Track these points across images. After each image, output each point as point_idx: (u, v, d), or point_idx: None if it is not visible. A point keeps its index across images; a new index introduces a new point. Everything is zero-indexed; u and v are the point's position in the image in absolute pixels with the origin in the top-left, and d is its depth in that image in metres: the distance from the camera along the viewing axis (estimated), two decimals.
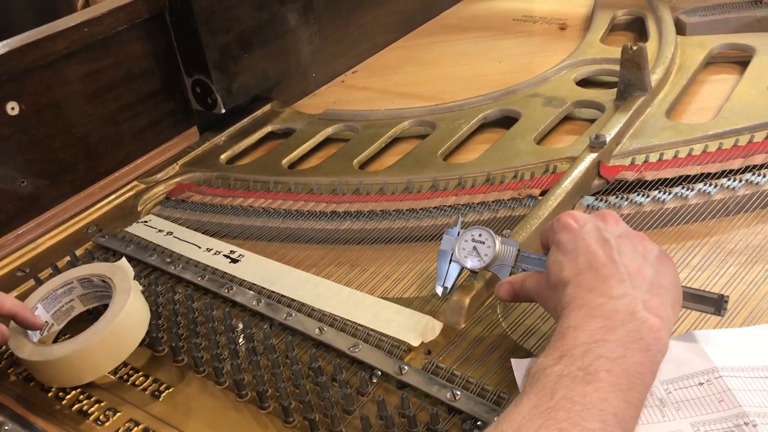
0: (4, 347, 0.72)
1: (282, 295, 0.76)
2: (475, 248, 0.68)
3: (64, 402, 0.68)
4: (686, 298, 0.60)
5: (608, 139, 0.89)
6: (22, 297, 0.76)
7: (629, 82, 1.00)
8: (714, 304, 0.61)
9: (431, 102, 1.12)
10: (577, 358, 0.51)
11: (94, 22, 0.94)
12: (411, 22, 1.44)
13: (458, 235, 0.69)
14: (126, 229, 0.91)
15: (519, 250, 0.67)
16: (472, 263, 0.68)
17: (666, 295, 0.57)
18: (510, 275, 0.67)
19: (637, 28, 1.28)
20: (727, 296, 0.60)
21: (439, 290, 0.70)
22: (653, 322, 0.54)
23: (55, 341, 0.74)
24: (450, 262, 0.69)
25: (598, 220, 0.62)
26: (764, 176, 0.81)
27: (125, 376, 0.70)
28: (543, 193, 0.83)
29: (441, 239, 0.71)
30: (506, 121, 1.05)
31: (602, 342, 0.52)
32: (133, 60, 1.02)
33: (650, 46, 1.13)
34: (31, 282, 0.84)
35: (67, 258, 0.86)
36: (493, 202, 0.85)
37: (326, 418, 0.61)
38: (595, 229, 0.60)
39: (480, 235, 0.68)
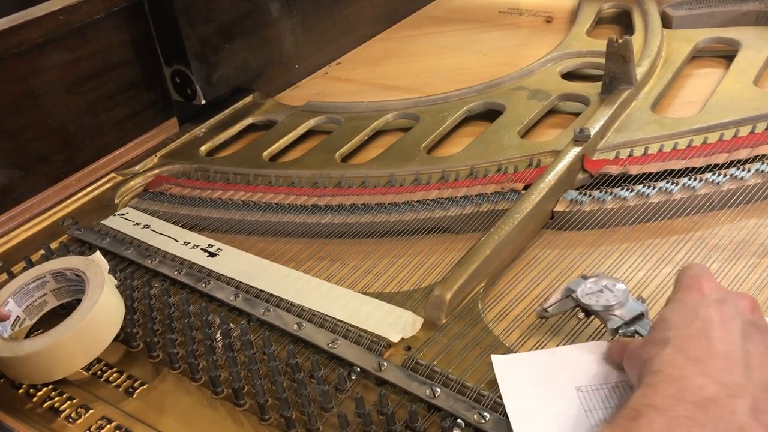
0: None
1: (260, 290, 0.74)
2: (601, 291, 0.64)
3: (34, 399, 0.67)
4: None
5: (593, 132, 0.88)
6: None
7: (614, 75, 0.99)
8: None
9: (415, 94, 1.10)
10: None
11: (70, 9, 0.92)
12: (395, 13, 1.43)
13: (593, 281, 0.65)
14: (102, 221, 0.89)
15: (643, 313, 0.61)
16: (588, 300, 0.64)
17: None
18: (617, 330, 0.61)
19: (623, 21, 1.28)
20: None
21: (539, 310, 0.66)
22: None
23: (27, 336, 0.72)
24: (568, 297, 0.65)
25: (736, 299, 0.53)
26: (749, 171, 0.80)
27: (98, 372, 0.69)
28: (526, 187, 0.82)
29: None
30: (490, 114, 1.04)
31: None
32: (111, 49, 1.00)
33: (636, 39, 1.12)
34: (4, 276, 0.82)
35: (42, 251, 0.84)
36: (476, 196, 0.83)
37: (303, 415, 0.60)
38: (730, 303, 0.51)
39: (614, 285, 0.64)
